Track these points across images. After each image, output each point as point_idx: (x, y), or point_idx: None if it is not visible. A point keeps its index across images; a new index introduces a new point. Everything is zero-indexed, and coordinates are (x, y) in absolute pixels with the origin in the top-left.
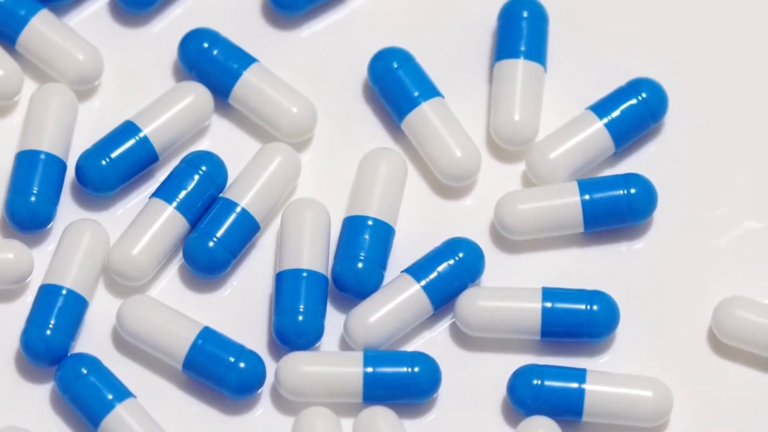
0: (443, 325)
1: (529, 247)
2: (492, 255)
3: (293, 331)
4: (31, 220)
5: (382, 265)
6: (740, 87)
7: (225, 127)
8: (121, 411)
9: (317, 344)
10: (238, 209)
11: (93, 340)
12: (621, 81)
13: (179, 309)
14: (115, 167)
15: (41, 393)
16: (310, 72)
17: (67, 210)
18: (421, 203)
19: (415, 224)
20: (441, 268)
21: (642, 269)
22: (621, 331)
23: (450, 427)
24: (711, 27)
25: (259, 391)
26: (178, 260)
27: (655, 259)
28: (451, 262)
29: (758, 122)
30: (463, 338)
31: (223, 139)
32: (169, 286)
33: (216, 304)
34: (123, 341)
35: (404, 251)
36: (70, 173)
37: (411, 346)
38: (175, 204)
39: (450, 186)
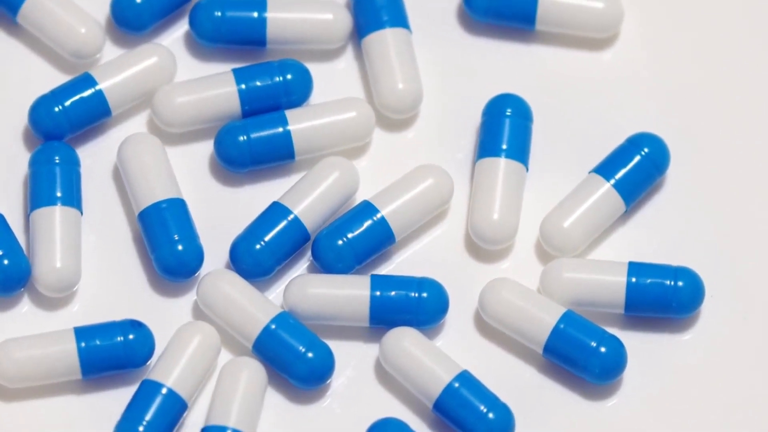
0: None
1: (504, 342)
2: (467, 327)
3: (242, 254)
4: (125, 18)
5: (359, 259)
6: None
7: (352, 68)
8: (57, 211)
9: (259, 280)
10: (285, 128)
11: (102, 157)
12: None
13: (183, 181)
14: (225, 21)
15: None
16: (461, 73)
17: (167, 40)
18: (448, 241)
19: (428, 251)
20: (399, 293)
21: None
22: None
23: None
24: None
25: (193, 277)
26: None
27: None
28: (413, 294)
29: None
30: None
31: (343, 75)
32: (188, 155)
33: (215, 195)
34: (118, 175)
35: (403, 266)
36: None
37: (337, 343)
38: (241, 87)
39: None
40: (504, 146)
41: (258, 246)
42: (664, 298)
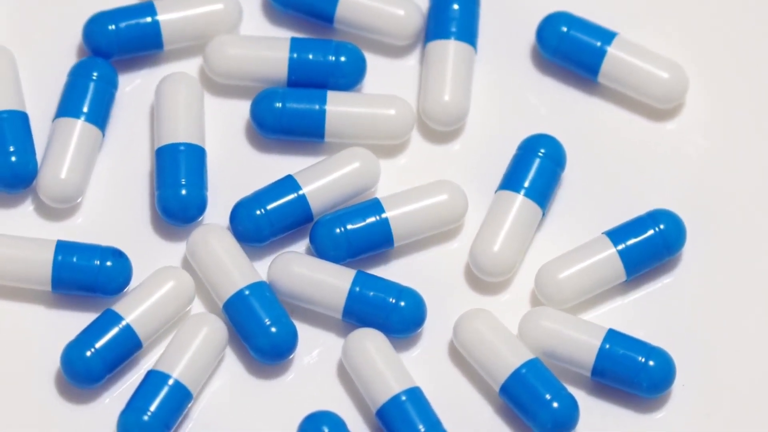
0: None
1: (471, 376)
2: (441, 349)
3: (241, 216)
4: None
5: (353, 252)
6: None
7: (410, 68)
8: (79, 125)
9: (251, 245)
10: (321, 107)
11: (144, 88)
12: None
13: (212, 132)
14: None
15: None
16: (517, 103)
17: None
18: (452, 261)
19: (429, 265)
20: (378, 294)
21: None
22: None
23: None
24: None
25: (197, 221)
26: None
27: None
28: (391, 300)
29: None
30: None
31: (408, 73)
32: (226, 110)
33: (240, 155)
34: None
35: (399, 272)
36: None
37: (310, 329)
38: (292, 56)
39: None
40: (526, 184)
41: (258, 212)
42: (631, 373)
